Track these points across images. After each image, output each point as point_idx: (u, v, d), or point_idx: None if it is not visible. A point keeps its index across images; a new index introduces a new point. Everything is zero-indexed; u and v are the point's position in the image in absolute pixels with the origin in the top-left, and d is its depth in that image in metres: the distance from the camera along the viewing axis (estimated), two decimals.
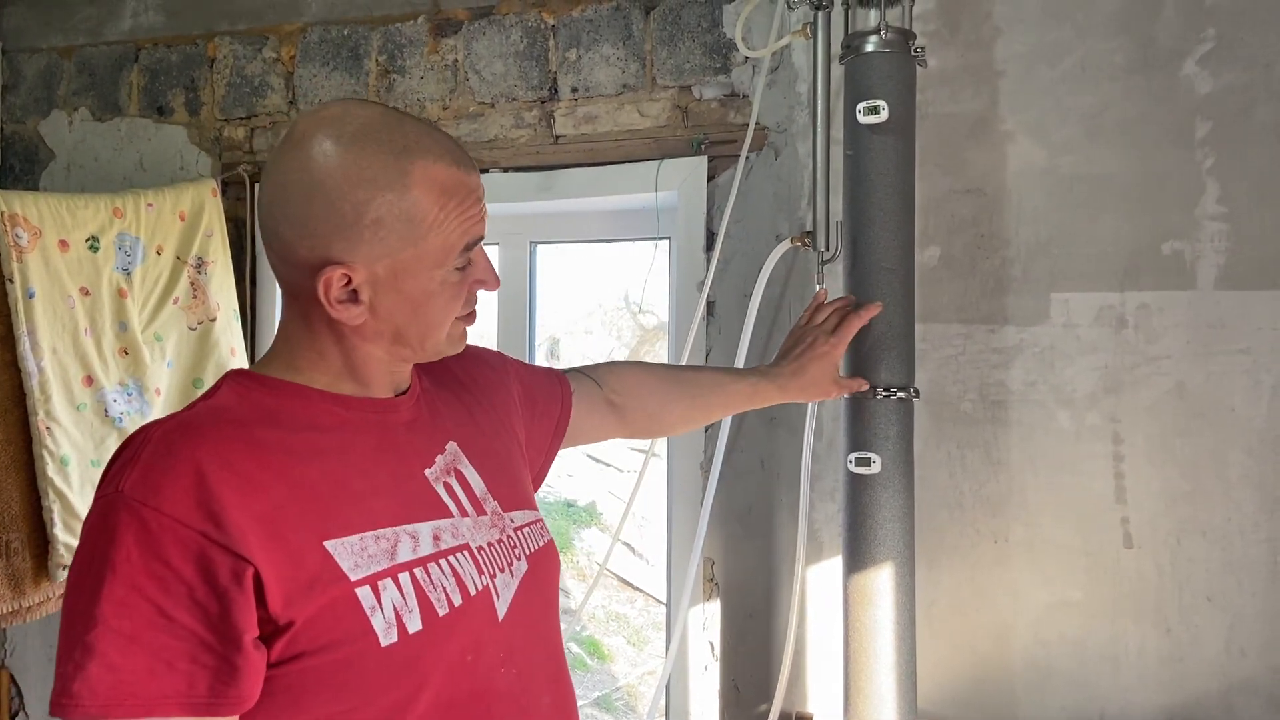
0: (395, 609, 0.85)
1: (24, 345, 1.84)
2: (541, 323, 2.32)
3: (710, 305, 1.96)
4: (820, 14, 1.70)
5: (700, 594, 1.93)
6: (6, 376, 1.85)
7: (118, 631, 0.75)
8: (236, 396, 0.90)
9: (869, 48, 1.53)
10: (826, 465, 1.82)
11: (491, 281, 0.97)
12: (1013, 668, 1.74)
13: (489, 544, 0.97)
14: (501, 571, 0.97)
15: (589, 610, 6.80)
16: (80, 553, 0.80)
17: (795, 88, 1.90)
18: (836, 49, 1.63)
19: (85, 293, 1.95)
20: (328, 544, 0.83)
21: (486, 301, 2.35)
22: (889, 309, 1.52)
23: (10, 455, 1.85)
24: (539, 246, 2.31)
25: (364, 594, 0.83)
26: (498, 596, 0.95)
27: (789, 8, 1.81)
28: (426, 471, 0.97)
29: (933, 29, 1.79)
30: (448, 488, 0.98)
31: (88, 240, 1.97)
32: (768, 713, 1.81)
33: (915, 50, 1.55)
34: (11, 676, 2.41)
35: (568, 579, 7.37)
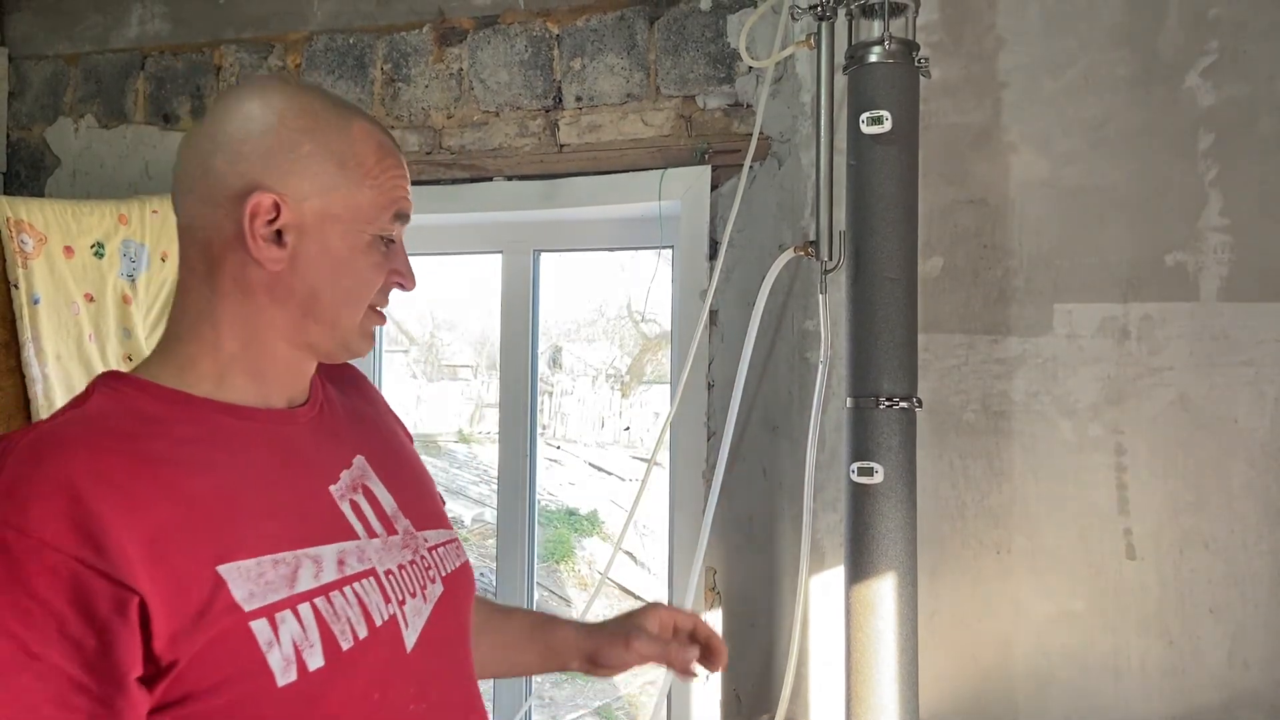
0: (295, 644, 0.75)
1: (28, 351, 1.84)
2: (544, 331, 2.32)
3: (713, 314, 1.96)
4: (824, 25, 1.71)
5: (702, 603, 1.93)
6: (10, 382, 1.86)
7: None
8: (111, 403, 0.80)
9: (873, 58, 1.54)
10: (829, 475, 1.82)
11: (409, 279, 0.93)
12: (1014, 678, 1.73)
13: (399, 567, 0.89)
14: (413, 597, 0.88)
15: (590, 617, 6.77)
16: None
17: (799, 98, 1.91)
18: (840, 59, 1.64)
19: (90, 299, 1.96)
20: (221, 569, 0.74)
21: (490, 309, 2.35)
22: (893, 319, 1.52)
23: None
24: (542, 255, 2.32)
25: (259, 628, 0.74)
26: (406, 625, 0.86)
27: (793, 18, 1.82)
28: (331, 488, 0.88)
29: (936, 40, 1.80)
30: (354, 506, 0.89)
31: (93, 247, 1.97)
32: None
33: (919, 61, 1.55)
34: None
35: (569, 587, 7.36)
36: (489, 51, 2.15)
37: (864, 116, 1.52)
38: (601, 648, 1.08)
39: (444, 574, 0.95)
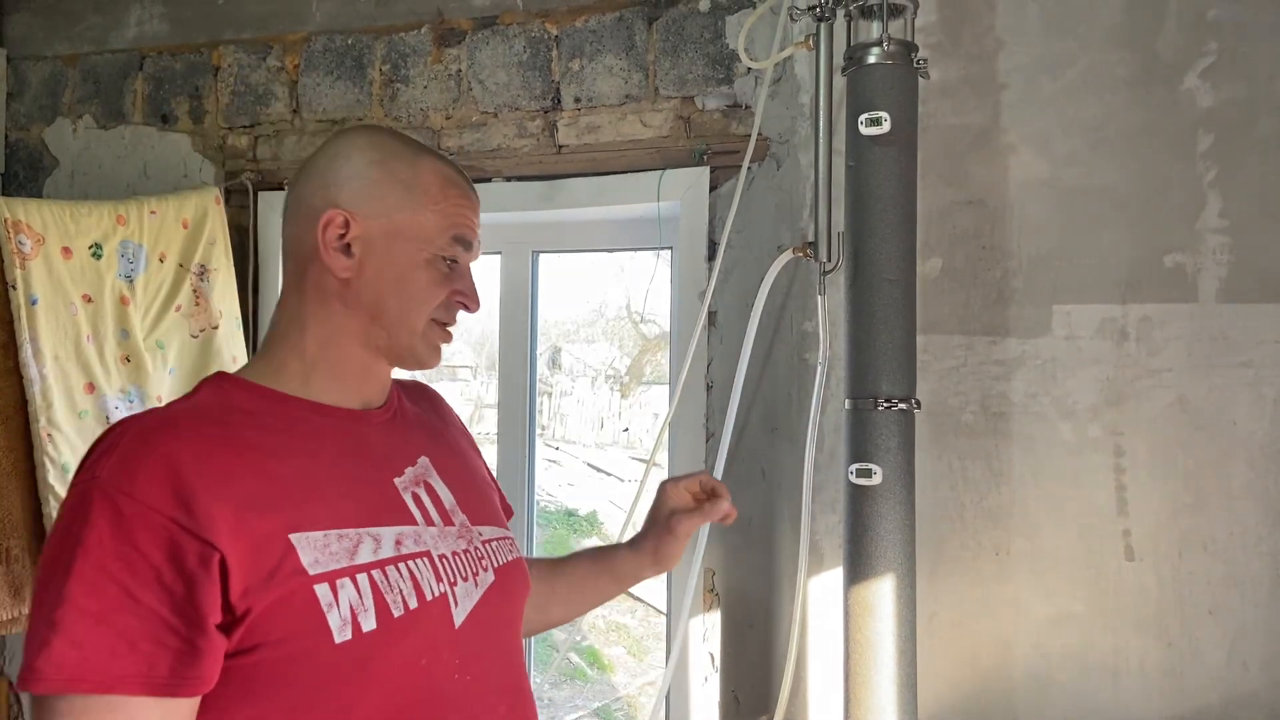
0: (351, 607, 0.87)
1: (26, 352, 1.84)
2: (543, 331, 2.32)
3: (712, 315, 1.96)
4: (823, 26, 1.70)
5: (701, 604, 1.93)
6: (8, 383, 1.85)
7: (85, 610, 0.78)
8: (215, 397, 0.95)
9: (871, 59, 1.53)
10: (828, 476, 1.82)
11: (473, 300, 1.05)
12: (1013, 680, 1.73)
13: (453, 553, 1.00)
14: (464, 580, 0.99)
15: (589, 620, 6.78)
16: (54, 535, 0.83)
17: (797, 99, 1.91)
18: (839, 60, 1.63)
19: (88, 300, 1.96)
20: (292, 536, 0.86)
21: (489, 309, 2.37)
22: (891, 320, 1.52)
23: (11, 462, 1.85)
24: (541, 255, 2.32)
25: (322, 591, 0.86)
26: (455, 604, 0.97)
27: (791, 19, 1.82)
28: (396, 480, 1.00)
29: (935, 41, 1.80)
30: (415, 498, 1.01)
31: (91, 247, 1.97)
32: None
33: (917, 62, 1.55)
34: (10, 684, 2.41)
35: None
36: (488, 52, 2.14)
37: (863, 118, 1.52)
38: (658, 548, 1.25)
39: (496, 565, 1.05)
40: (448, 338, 1.04)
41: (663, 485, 1.27)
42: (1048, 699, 1.71)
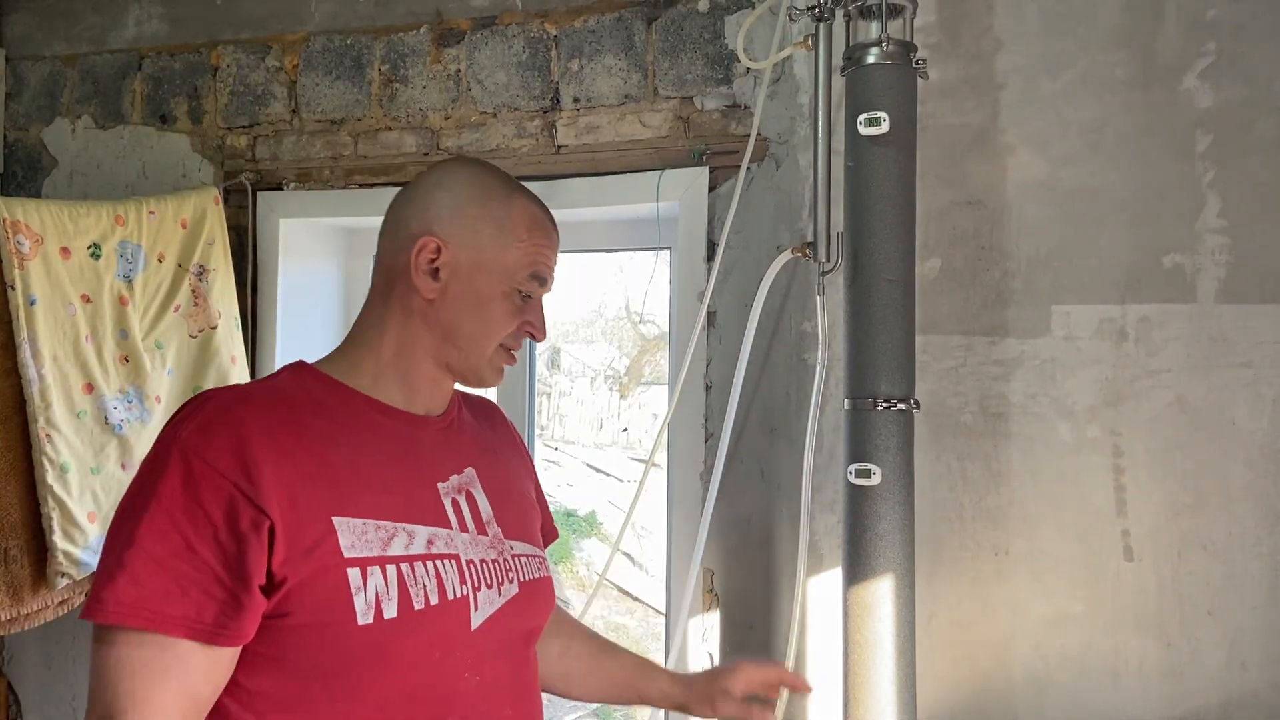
0: (376, 594, 0.95)
1: (24, 352, 1.84)
2: None
3: (711, 315, 1.96)
4: (822, 26, 1.70)
5: (700, 605, 1.93)
6: (7, 384, 1.85)
7: (150, 553, 0.88)
8: (292, 383, 1.05)
9: (870, 60, 1.53)
10: (827, 476, 1.82)
11: (540, 331, 1.14)
12: (1012, 680, 1.73)
13: (481, 560, 1.06)
14: (488, 587, 1.06)
15: (588, 620, 6.76)
16: (135, 483, 0.94)
17: (796, 99, 1.91)
18: (838, 61, 1.63)
19: (86, 300, 1.95)
20: (335, 519, 0.95)
21: None
22: (890, 320, 1.52)
23: (10, 462, 1.84)
24: None
25: (353, 574, 0.94)
26: (475, 608, 1.03)
27: (790, 19, 1.82)
28: (439, 485, 1.08)
29: (934, 41, 1.80)
30: (455, 504, 1.08)
31: (89, 248, 1.97)
32: None
33: (916, 62, 1.55)
34: (9, 684, 2.40)
35: (567, 589, 7.35)
36: (487, 52, 2.14)
37: (861, 118, 1.52)
38: (690, 703, 1.30)
39: (523, 579, 1.11)
40: (512, 361, 1.14)
41: (742, 663, 1.30)
42: (1047, 699, 1.71)
